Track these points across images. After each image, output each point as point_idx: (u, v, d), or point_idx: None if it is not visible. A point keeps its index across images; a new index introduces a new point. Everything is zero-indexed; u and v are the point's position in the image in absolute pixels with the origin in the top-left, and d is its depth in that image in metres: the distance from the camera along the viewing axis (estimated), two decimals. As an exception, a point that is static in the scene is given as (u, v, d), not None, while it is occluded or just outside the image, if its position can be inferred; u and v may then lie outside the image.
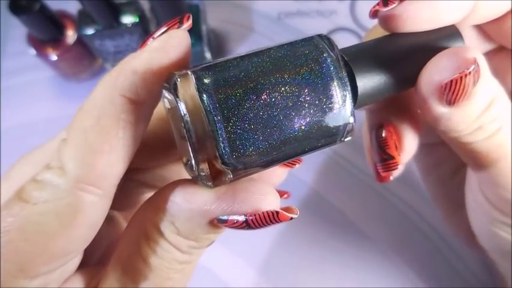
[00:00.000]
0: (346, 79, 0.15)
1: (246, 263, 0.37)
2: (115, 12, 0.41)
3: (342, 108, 0.14)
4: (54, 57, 0.43)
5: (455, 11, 0.16)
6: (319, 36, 0.15)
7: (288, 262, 0.37)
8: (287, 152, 0.14)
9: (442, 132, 0.17)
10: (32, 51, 0.43)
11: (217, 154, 0.13)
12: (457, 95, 0.15)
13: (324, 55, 0.14)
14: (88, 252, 0.18)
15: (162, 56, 0.14)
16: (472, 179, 0.21)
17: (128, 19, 0.42)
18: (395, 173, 0.21)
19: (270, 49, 0.14)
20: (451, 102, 0.15)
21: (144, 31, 0.43)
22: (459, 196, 0.23)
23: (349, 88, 0.15)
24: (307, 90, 0.14)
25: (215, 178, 0.14)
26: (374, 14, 0.17)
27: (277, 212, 0.14)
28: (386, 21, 0.16)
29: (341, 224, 0.38)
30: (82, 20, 0.42)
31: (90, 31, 0.42)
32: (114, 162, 0.15)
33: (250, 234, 0.37)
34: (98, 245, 0.19)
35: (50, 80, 0.48)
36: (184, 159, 0.16)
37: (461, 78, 0.15)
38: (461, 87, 0.15)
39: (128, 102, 0.14)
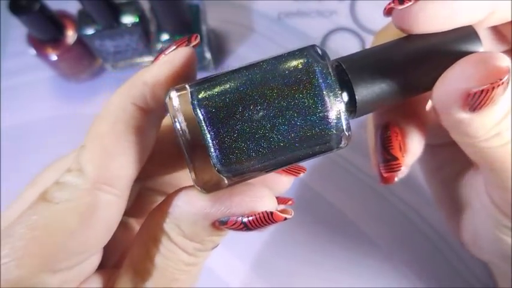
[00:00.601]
0: (338, 89, 0.15)
1: (245, 262, 0.37)
2: (115, 12, 0.41)
3: (334, 117, 0.15)
4: (54, 57, 0.43)
5: (475, 11, 0.15)
6: (311, 46, 0.15)
7: (287, 262, 0.37)
8: (280, 160, 0.15)
9: (457, 137, 0.17)
10: (32, 51, 0.43)
11: (211, 162, 0.14)
12: (484, 103, 0.14)
13: (314, 66, 0.14)
14: (105, 256, 0.19)
15: (169, 69, 0.16)
16: (479, 181, 0.21)
17: (128, 19, 0.42)
18: (400, 175, 0.20)
19: (261, 62, 0.15)
20: (475, 109, 0.15)
21: (144, 31, 0.43)
22: (463, 198, 0.23)
23: (341, 98, 0.15)
24: (296, 101, 0.14)
25: (211, 184, 0.15)
26: (389, 11, 0.16)
27: (271, 213, 0.15)
28: (401, 19, 0.16)
29: (341, 224, 0.38)
30: (82, 20, 0.42)
31: (90, 31, 0.42)
32: (126, 163, 0.16)
33: (250, 235, 0.37)
34: (114, 249, 0.20)
35: (50, 80, 0.48)
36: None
37: (493, 88, 0.14)
38: (491, 96, 0.14)
39: (138, 110, 0.16)
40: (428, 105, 0.20)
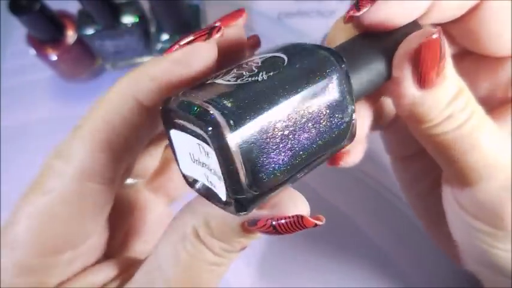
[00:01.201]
0: (351, 88, 0.15)
1: (246, 262, 0.37)
2: (115, 12, 0.41)
3: (347, 113, 0.15)
4: (54, 57, 0.43)
5: (411, 10, 0.17)
6: (327, 50, 0.15)
7: (287, 262, 0.37)
8: (305, 168, 0.15)
9: (413, 126, 0.18)
10: (32, 51, 0.43)
11: (242, 184, 0.13)
12: (428, 68, 0.15)
13: (334, 73, 0.15)
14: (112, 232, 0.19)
15: (183, 69, 0.15)
16: (447, 190, 0.21)
17: (128, 19, 0.42)
18: (350, 159, 0.21)
19: (282, 68, 0.14)
20: (423, 81, 0.16)
21: (144, 31, 0.43)
22: (440, 209, 0.23)
23: (352, 95, 0.15)
24: (318, 109, 0.14)
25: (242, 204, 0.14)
26: (349, 19, 0.17)
27: (302, 217, 0.15)
28: (361, 24, 0.17)
29: (341, 223, 0.38)
30: (82, 20, 0.42)
31: (90, 31, 0.42)
32: (117, 157, 0.16)
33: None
34: (121, 222, 0.21)
35: (50, 80, 0.48)
36: (191, 179, 0.16)
37: (429, 42, 0.15)
38: (431, 56, 0.15)
39: (139, 106, 0.15)
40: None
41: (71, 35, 0.43)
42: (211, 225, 0.16)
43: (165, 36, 0.43)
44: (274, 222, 0.15)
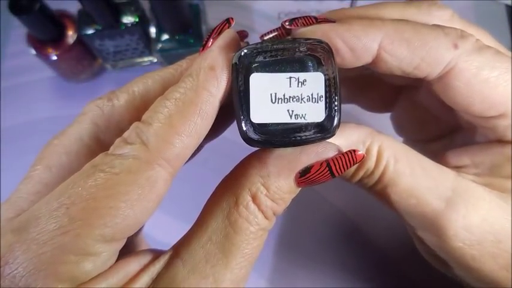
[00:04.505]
0: None
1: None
2: (115, 12, 0.41)
3: None
4: (54, 57, 0.43)
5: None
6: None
7: (287, 262, 0.37)
8: None
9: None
10: (32, 51, 0.43)
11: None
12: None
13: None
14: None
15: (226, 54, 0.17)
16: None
17: (127, 19, 0.42)
18: None
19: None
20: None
21: (144, 31, 0.43)
22: None
23: None
24: None
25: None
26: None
27: (354, 151, 0.17)
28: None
29: (341, 223, 0.38)
30: (82, 20, 0.42)
31: (90, 31, 0.42)
32: (189, 145, 0.16)
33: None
34: None
35: (50, 80, 0.48)
36: (253, 130, 0.17)
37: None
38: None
39: (210, 95, 0.16)
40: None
41: (71, 35, 0.43)
42: (269, 184, 0.17)
43: (165, 36, 0.43)
44: (329, 161, 0.17)
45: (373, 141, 0.20)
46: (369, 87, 0.27)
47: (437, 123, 0.26)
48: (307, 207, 0.39)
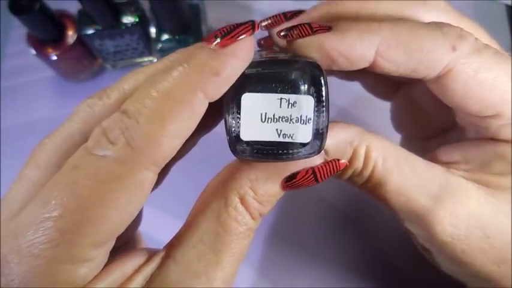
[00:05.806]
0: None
1: (244, 262, 0.37)
2: (115, 12, 0.41)
3: None
4: (54, 57, 0.43)
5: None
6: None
7: (287, 262, 0.37)
8: None
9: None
10: (32, 51, 0.43)
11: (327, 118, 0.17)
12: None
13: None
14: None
15: (242, 63, 0.16)
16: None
17: (127, 19, 0.42)
18: None
19: None
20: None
21: (144, 31, 0.43)
22: None
23: None
24: None
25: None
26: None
27: (337, 160, 0.19)
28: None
29: (341, 223, 0.38)
30: (82, 20, 0.42)
31: (90, 31, 0.42)
32: (177, 146, 0.16)
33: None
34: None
35: (50, 80, 0.48)
36: (243, 147, 0.17)
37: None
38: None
39: (205, 97, 0.16)
40: None
41: (71, 35, 0.43)
42: (257, 187, 0.18)
43: (165, 36, 0.43)
44: (315, 168, 0.18)
45: (361, 141, 0.20)
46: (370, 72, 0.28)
47: (434, 120, 0.26)
48: (306, 207, 0.39)
